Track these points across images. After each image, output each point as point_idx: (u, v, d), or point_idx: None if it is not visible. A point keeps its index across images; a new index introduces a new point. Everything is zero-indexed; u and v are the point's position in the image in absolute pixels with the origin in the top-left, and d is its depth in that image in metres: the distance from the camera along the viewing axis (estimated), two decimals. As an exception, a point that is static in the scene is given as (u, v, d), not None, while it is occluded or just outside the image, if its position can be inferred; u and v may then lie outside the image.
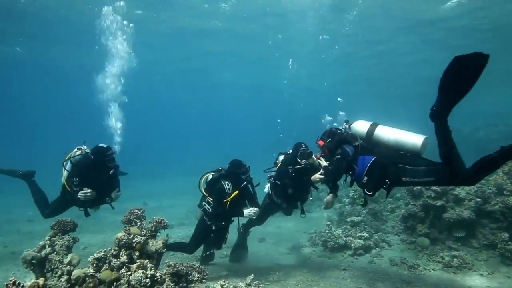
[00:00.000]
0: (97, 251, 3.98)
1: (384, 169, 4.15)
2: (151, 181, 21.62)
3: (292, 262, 6.29)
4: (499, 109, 29.38)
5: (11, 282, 2.37)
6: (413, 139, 4.11)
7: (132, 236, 3.97)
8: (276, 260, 6.45)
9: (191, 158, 31.95)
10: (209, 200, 5.32)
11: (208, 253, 5.94)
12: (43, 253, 4.15)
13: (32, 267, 4.11)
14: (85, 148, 5.15)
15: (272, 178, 5.67)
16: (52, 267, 4.03)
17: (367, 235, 6.60)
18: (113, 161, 5.20)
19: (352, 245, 6.47)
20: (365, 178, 4.30)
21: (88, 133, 6.82)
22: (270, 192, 5.74)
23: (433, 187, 6.27)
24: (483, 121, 22.48)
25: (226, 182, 5.28)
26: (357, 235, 6.63)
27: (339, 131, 4.92)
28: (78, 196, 4.84)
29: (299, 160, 5.31)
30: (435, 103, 3.40)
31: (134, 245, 3.95)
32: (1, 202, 13.21)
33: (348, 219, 7.27)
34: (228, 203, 5.18)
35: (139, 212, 4.43)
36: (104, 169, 5.12)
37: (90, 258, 3.91)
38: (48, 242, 4.24)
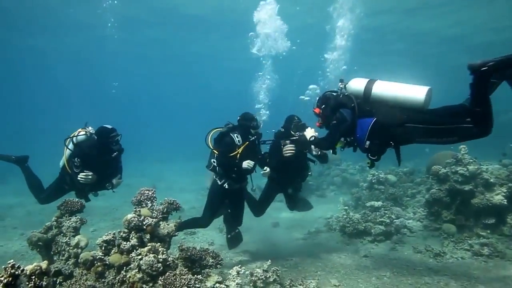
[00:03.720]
0: (106, 233, 3.75)
1: (387, 130, 3.76)
2: (160, 164, 21.52)
3: (308, 248, 6.01)
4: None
5: (10, 265, 2.11)
6: (414, 92, 3.62)
7: (142, 218, 3.71)
8: (292, 245, 6.19)
9: (198, 142, 31.71)
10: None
11: (233, 233, 5.47)
12: (49, 234, 3.95)
13: (38, 249, 3.91)
14: (90, 129, 4.87)
15: (267, 154, 5.31)
16: (59, 249, 3.83)
17: (387, 220, 6.26)
18: (117, 144, 4.88)
19: (372, 231, 6.15)
20: (367, 143, 3.90)
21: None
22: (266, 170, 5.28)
23: (462, 171, 5.88)
24: (504, 106, 21.66)
25: (236, 135, 4.88)
26: (377, 220, 6.30)
27: (334, 93, 4.44)
28: (78, 178, 4.54)
29: (292, 133, 5.02)
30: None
31: (145, 227, 3.70)
32: (11, 188, 13.10)
33: (368, 204, 6.93)
34: (238, 155, 4.74)
35: (150, 193, 4.18)
36: (107, 152, 4.81)
37: (99, 241, 3.68)
38: (55, 223, 4.03)
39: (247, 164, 4.65)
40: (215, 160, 4.93)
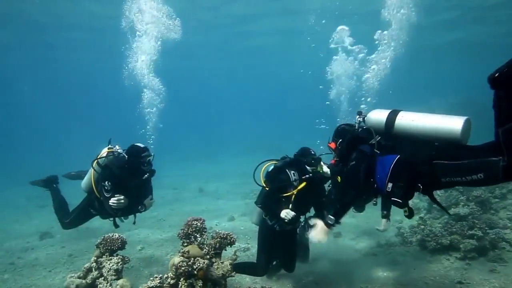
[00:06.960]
0: (152, 278, 3.16)
1: (414, 169, 2.97)
2: (206, 163, 21.32)
3: (383, 268, 5.08)
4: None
5: None
6: (449, 123, 2.94)
7: (192, 261, 3.05)
8: (363, 265, 5.30)
9: (244, 137, 31.27)
10: None
11: (271, 265, 4.75)
12: (89, 278, 3.43)
13: (78, 296, 3.40)
14: (117, 148, 4.35)
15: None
16: (100, 297, 3.28)
17: (480, 233, 5.15)
18: (148, 164, 4.40)
19: (461, 246, 5.10)
20: (389, 185, 3.12)
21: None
22: None
23: None
24: None
25: (292, 172, 4.12)
26: (466, 233, 5.21)
27: (351, 127, 3.79)
28: (110, 204, 4.07)
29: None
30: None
31: (195, 272, 3.04)
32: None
33: (451, 211, 5.82)
34: (293, 196, 3.99)
35: (199, 224, 3.53)
36: (138, 173, 4.33)
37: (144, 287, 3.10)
38: (95, 264, 3.50)
39: (285, 214, 3.88)
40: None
